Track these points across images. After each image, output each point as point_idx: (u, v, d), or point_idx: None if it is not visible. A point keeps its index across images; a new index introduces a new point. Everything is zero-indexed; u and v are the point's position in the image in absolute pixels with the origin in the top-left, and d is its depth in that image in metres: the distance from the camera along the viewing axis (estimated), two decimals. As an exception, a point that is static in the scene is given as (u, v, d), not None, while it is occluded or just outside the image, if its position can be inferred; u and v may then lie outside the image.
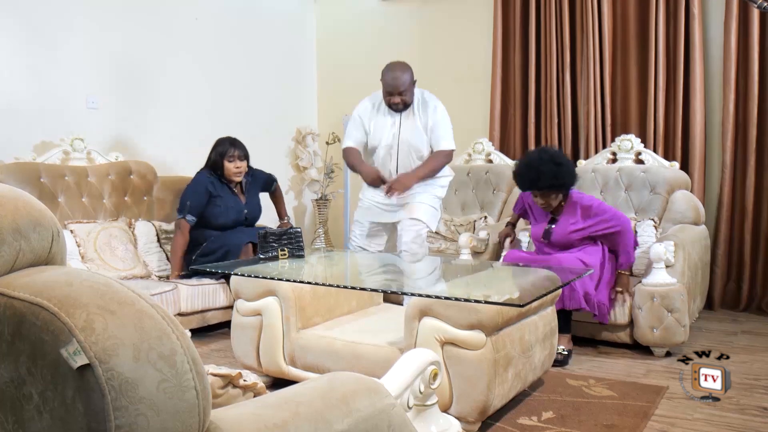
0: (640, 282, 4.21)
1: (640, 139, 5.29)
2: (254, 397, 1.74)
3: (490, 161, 5.92)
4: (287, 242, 3.73)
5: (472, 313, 2.83)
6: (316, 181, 6.85)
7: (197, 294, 4.54)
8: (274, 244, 3.71)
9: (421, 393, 2.16)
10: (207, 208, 4.83)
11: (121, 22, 5.35)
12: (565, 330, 4.07)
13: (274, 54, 6.66)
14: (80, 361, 1.01)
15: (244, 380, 1.75)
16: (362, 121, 4.60)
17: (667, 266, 4.17)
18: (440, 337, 2.92)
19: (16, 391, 1.11)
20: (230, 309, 4.40)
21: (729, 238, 5.29)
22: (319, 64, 7.25)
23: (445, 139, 4.55)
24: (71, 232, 4.47)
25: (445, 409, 2.85)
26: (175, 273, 4.69)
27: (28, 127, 4.81)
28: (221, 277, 4.67)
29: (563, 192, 4.18)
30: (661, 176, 5.00)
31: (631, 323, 4.22)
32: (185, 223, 4.74)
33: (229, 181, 4.94)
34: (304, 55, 7.15)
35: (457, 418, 2.57)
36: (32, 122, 4.83)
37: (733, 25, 5.14)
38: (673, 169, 5.08)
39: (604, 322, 4.17)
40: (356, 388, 1.48)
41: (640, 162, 5.21)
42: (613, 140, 5.42)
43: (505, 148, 6.12)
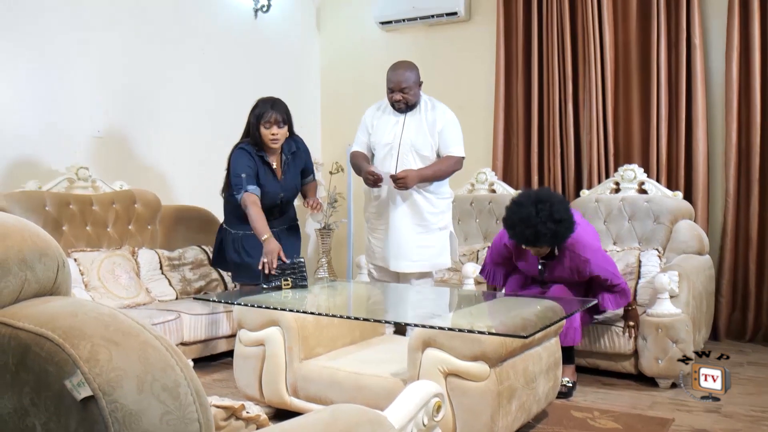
0: (645, 312, 4.20)
1: (643, 169, 5.30)
2: (257, 429, 1.73)
3: (493, 191, 5.93)
4: (291, 273, 3.72)
5: (475, 344, 2.81)
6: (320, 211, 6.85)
7: (200, 323, 4.53)
8: (277, 274, 3.70)
9: (425, 425, 2.14)
10: None
11: (126, 53, 5.40)
12: (569, 361, 4.04)
13: (278, 83, 6.71)
14: (84, 392, 1.00)
15: (247, 412, 1.74)
16: (366, 124, 4.62)
17: (672, 296, 4.16)
18: (444, 369, 2.91)
19: (19, 422, 1.10)
20: (233, 338, 4.39)
21: (733, 267, 5.28)
22: (323, 94, 7.29)
23: (456, 145, 4.50)
24: (75, 260, 4.47)
25: (449, 441, 2.82)
26: (266, 235, 3.92)
27: (34, 155, 4.83)
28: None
29: (558, 244, 3.84)
30: (664, 206, 5.00)
31: (636, 353, 4.20)
32: (252, 196, 4.05)
33: (267, 152, 4.24)
34: (308, 85, 7.19)
35: (461, 450, 2.55)
36: (38, 150, 4.86)
37: (735, 55, 5.17)
38: (676, 198, 5.08)
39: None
40: (359, 420, 1.47)
41: (644, 192, 5.22)
42: (616, 170, 5.43)
43: (508, 178, 6.12)
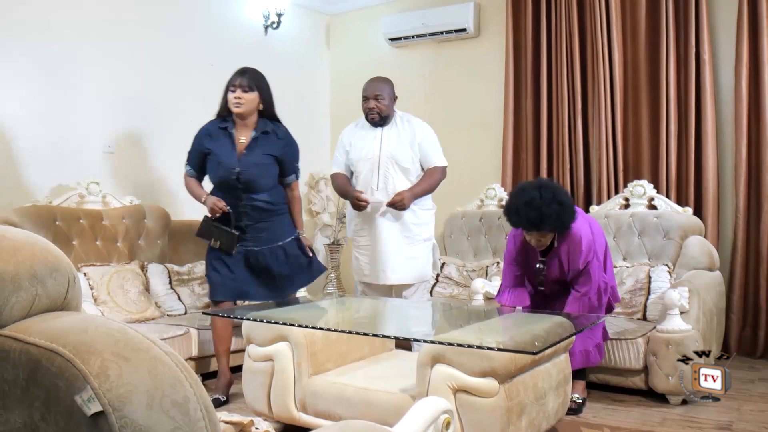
0: (655, 328, 4.18)
1: (652, 185, 5.29)
2: (266, 444, 1.73)
3: (503, 207, 5.90)
4: (225, 236, 4.12)
5: (484, 360, 2.81)
6: (329, 226, 6.87)
7: (209, 338, 4.52)
8: (213, 230, 4.13)
9: (434, 441, 2.13)
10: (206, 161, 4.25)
11: (137, 68, 5.43)
12: (580, 377, 4.02)
13: (288, 99, 6.72)
14: (94, 408, 1.01)
15: (256, 428, 1.74)
16: (343, 143, 4.71)
17: (682, 312, 4.13)
18: (453, 385, 2.90)
19: (29, 438, 1.10)
20: (242, 353, 4.38)
21: (744, 283, 5.25)
22: (332, 110, 7.32)
23: (438, 155, 4.67)
24: (85, 274, 4.48)
25: (458, 458, 2.81)
26: (203, 197, 4.20)
27: (45, 170, 4.86)
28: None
29: (559, 231, 3.81)
30: (674, 222, 4.98)
31: (646, 369, 4.17)
32: (185, 176, 4.33)
33: (236, 126, 4.21)
34: (318, 101, 7.22)
35: (470, 467, 2.54)
36: (49, 166, 4.88)
37: (744, 70, 5.16)
38: (686, 214, 5.06)
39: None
40: (369, 436, 1.46)
41: (653, 207, 5.21)
42: (626, 186, 5.42)
43: (517, 194, 6.11)
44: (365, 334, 3.37)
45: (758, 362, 5.10)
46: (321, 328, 3.21)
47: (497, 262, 5.55)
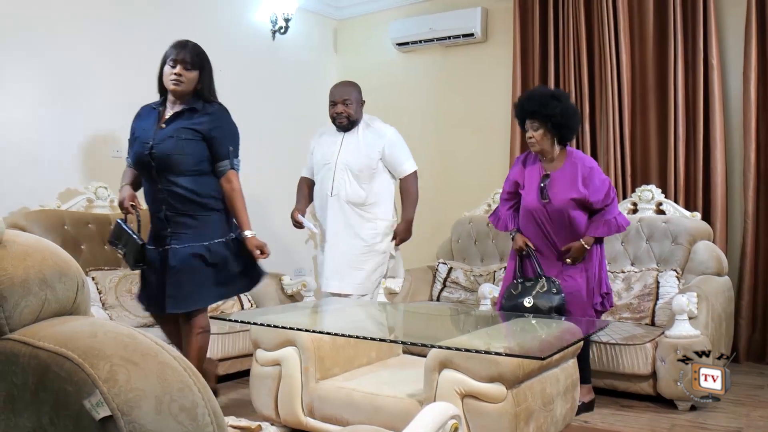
0: (663, 334, 4.17)
1: (660, 190, 5.28)
2: (274, 449, 1.73)
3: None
4: (128, 247, 3.60)
5: (492, 366, 2.80)
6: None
7: (216, 343, 4.53)
8: (123, 235, 3.63)
9: (442, 447, 2.13)
10: None
11: (145, 72, 5.44)
12: (584, 380, 3.99)
13: (295, 104, 6.74)
14: (103, 412, 1.01)
15: (264, 432, 1.74)
16: (311, 143, 4.76)
17: (691, 318, 4.12)
18: (460, 390, 2.89)
19: (38, 442, 1.11)
20: (249, 357, 4.39)
21: (753, 288, 5.22)
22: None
23: (408, 161, 4.66)
24: (93, 279, 4.50)
25: (466, 463, 2.81)
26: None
27: (53, 175, 4.88)
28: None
29: (557, 134, 3.96)
30: (682, 227, 4.97)
31: (654, 374, 4.16)
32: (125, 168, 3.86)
33: (170, 104, 3.72)
34: (325, 106, 7.18)
35: (478, 473, 2.53)
36: (57, 170, 4.90)
37: (753, 75, 5.14)
38: (694, 219, 5.05)
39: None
40: (377, 441, 1.46)
41: (661, 212, 5.19)
42: (634, 190, 5.41)
43: (524, 198, 6.11)
44: (372, 339, 3.37)
45: (767, 368, 5.08)
46: (329, 333, 3.21)
47: (504, 267, 5.53)
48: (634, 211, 5.30)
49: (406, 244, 4.78)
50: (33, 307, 1.18)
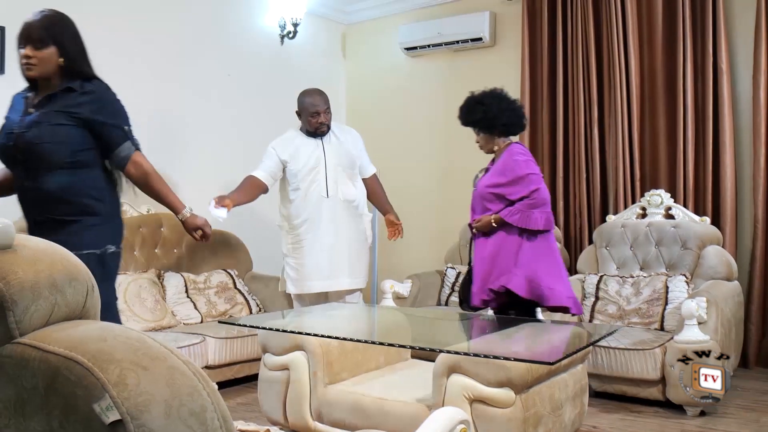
0: (672, 339, 4.15)
1: (669, 194, 5.26)
2: (282, 453, 1.73)
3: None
4: None
5: (501, 371, 2.80)
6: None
7: (225, 347, 4.54)
8: None
9: (450, 452, 2.12)
10: None
11: (153, 78, 5.47)
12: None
13: (304, 109, 6.75)
14: (112, 416, 1.01)
15: (272, 437, 1.74)
16: (276, 152, 4.69)
17: (700, 323, 4.11)
18: (469, 395, 2.89)
19: (47, 446, 1.11)
20: (257, 362, 4.39)
21: (763, 293, 5.19)
22: (348, 119, 7.33)
23: (371, 164, 4.98)
24: (102, 284, 4.50)
25: (474, 468, 2.80)
26: None
27: (63, 180, 4.89)
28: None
29: (489, 133, 4.10)
30: (691, 231, 4.95)
31: (663, 380, 4.15)
32: None
33: (36, 92, 3.08)
34: (334, 111, 7.21)
35: (487, 478, 2.52)
36: (67, 175, 4.91)
37: (762, 80, 5.13)
38: (703, 224, 5.03)
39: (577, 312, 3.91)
40: (385, 446, 1.46)
41: (671, 217, 5.18)
42: (643, 195, 5.39)
43: (533, 203, 6.10)
44: (381, 344, 3.37)
45: (777, 373, 5.06)
46: (337, 338, 3.21)
47: (513, 272, 5.52)
48: (643, 216, 5.28)
49: (414, 247, 4.82)
50: (43, 312, 1.18)
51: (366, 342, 3.26)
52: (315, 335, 3.29)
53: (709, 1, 5.28)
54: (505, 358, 2.58)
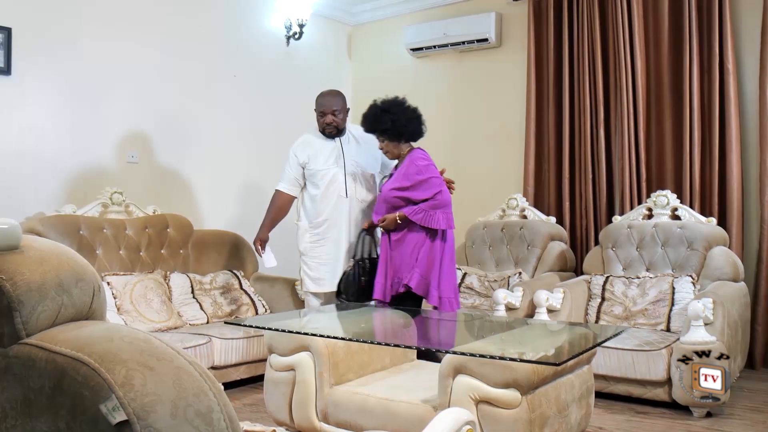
0: (678, 340, 4.14)
1: (676, 195, 5.24)
2: (288, 454, 1.73)
3: (525, 217, 5.90)
4: None
5: (507, 371, 2.79)
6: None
7: (231, 347, 4.54)
8: None
9: (456, 452, 2.12)
10: None
11: (160, 79, 5.48)
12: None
13: (310, 109, 6.74)
14: (119, 417, 1.01)
15: (278, 437, 1.74)
16: (297, 156, 4.70)
17: (706, 324, 4.09)
18: (475, 396, 2.89)
19: (54, 446, 1.11)
20: (263, 362, 4.40)
21: (770, 295, 5.19)
22: (354, 120, 7.31)
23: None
24: (108, 284, 4.52)
25: (480, 469, 2.79)
26: None
27: (69, 180, 4.92)
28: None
29: (396, 141, 4.31)
30: (698, 232, 4.94)
31: (669, 381, 4.14)
32: None
33: None
34: (339, 111, 7.23)
35: (493, 479, 2.52)
36: (73, 176, 4.94)
37: (769, 81, 5.12)
38: (710, 224, 5.02)
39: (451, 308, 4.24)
40: (391, 447, 1.46)
41: (677, 218, 5.16)
42: (649, 196, 5.38)
43: (539, 204, 6.10)
44: (387, 345, 3.37)
45: (784, 375, 5.04)
46: (343, 338, 3.21)
47: (519, 273, 5.53)
48: (650, 217, 5.27)
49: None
50: (50, 312, 1.18)
51: (372, 343, 3.26)
52: (321, 336, 3.29)
53: (716, 2, 5.27)
54: (512, 359, 2.58)
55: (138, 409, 1.02)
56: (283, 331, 3.42)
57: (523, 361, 2.61)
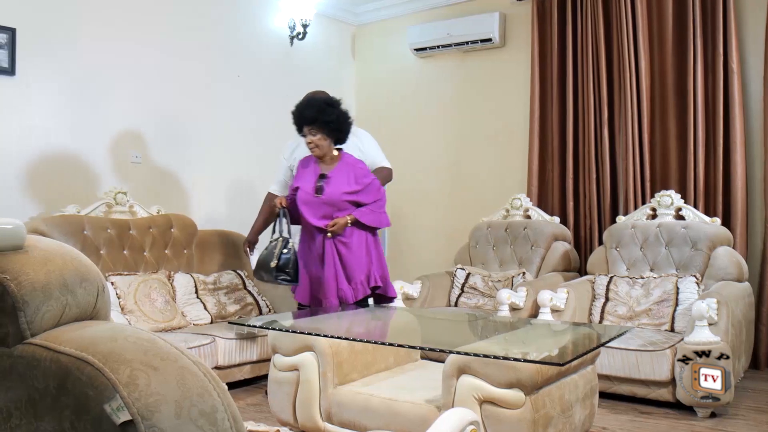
0: (683, 340, 4.13)
1: (680, 195, 5.24)
2: (292, 454, 1.73)
3: (528, 217, 5.90)
4: None
5: (510, 372, 2.79)
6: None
7: (235, 347, 4.54)
8: None
9: (460, 453, 2.12)
10: None
11: (163, 79, 5.49)
12: None
13: (314, 110, 6.76)
14: (123, 417, 1.01)
15: (282, 437, 1.74)
16: (285, 159, 4.76)
17: (710, 324, 4.09)
18: (478, 396, 2.88)
19: (58, 446, 1.11)
20: (267, 362, 4.40)
21: (774, 295, 5.18)
22: (358, 120, 7.33)
23: (385, 158, 4.89)
24: (112, 283, 4.52)
25: (484, 469, 2.79)
26: None
27: (73, 180, 4.92)
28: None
29: (333, 137, 4.24)
30: (702, 232, 4.93)
31: (673, 381, 4.13)
32: None
33: None
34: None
35: (496, 479, 2.52)
36: (77, 176, 4.94)
37: (774, 80, 5.11)
38: (714, 224, 5.01)
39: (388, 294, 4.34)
40: (395, 447, 1.46)
41: (681, 218, 5.15)
42: (653, 196, 5.37)
43: (543, 204, 6.10)
44: (390, 345, 3.37)
45: (789, 375, 5.03)
46: (346, 338, 3.21)
47: (523, 273, 5.52)
48: (653, 217, 5.26)
49: (424, 249, 4.79)
50: (54, 312, 1.18)
51: (375, 343, 3.26)
52: (325, 336, 3.29)
53: (720, 1, 5.26)
54: (515, 359, 2.58)
55: (142, 409, 1.02)
56: (287, 330, 3.42)
57: (527, 361, 2.61)
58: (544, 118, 6.15)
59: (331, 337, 3.26)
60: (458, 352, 2.89)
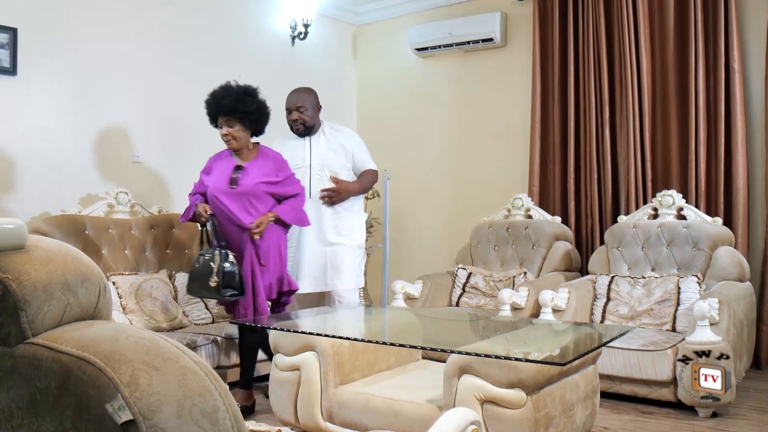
0: (684, 340, 4.13)
1: (681, 195, 5.23)
2: (293, 454, 1.73)
3: (530, 217, 5.90)
4: None
5: (512, 371, 2.79)
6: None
7: (236, 347, 4.54)
8: None
9: (461, 452, 2.12)
10: None
11: (165, 79, 5.49)
12: (245, 385, 4.19)
13: (315, 110, 6.76)
14: (125, 416, 1.01)
15: (284, 437, 1.74)
16: None
17: (712, 324, 4.08)
18: (480, 396, 2.88)
19: (60, 446, 1.11)
20: (268, 362, 4.40)
21: (775, 295, 5.17)
22: (359, 120, 7.34)
23: (371, 161, 4.81)
24: (113, 284, 4.52)
25: (485, 469, 2.79)
26: None
27: (75, 180, 4.92)
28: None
29: (251, 129, 4.14)
30: (703, 232, 4.93)
31: (674, 381, 4.13)
32: None
33: None
34: (344, 111, 7.24)
35: (498, 479, 2.52)
36: (78, 176, 4.95)
37: (775, 80, 5.11)
38: (715, 224, 5.01)
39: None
40: (396, 447, 1.46)
41: (682, 218, 5.15)
42: (654, 195, 5.37)
43: (544, 204, 6.09)
44: (392, 344, 3.37)
45: (790, 375, 5.03)
46: (348, 338, 3.21)
47: (524, 273, 5.52)
48: (655, 217, 5.26)
49: (425, 248, 4.78)
50: (55, 312, 1.18)
51: (377, 342, 3.26)
52: (326, 336, 3.29)
53: (721, 1, 5.26)
54: (517, 359, 2.58)
55: (143, 409, 1.02)
56: (288, 330, 3.42)
57: (528, 361, 2.61)
58: (545, 117, 6.14)
59: (333, 337, 3.26)
60: (460, 352, 2.89)
